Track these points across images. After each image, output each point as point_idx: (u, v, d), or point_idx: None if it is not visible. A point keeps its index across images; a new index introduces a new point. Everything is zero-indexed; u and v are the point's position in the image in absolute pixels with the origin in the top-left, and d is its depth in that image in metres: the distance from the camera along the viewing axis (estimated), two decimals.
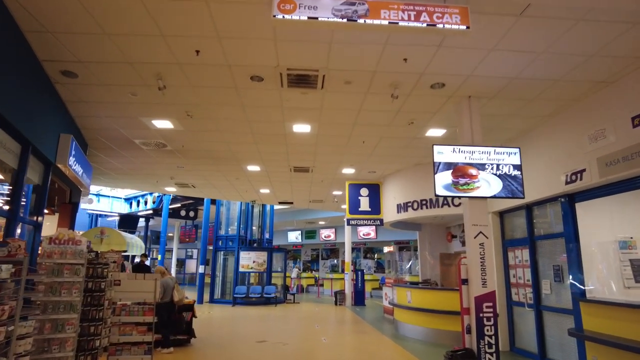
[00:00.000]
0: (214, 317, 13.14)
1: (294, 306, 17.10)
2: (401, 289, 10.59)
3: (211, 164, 10.07)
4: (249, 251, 17.82)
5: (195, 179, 11.93)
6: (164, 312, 7.77)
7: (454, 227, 13.61)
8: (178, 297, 8.01)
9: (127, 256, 13.57)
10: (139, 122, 7.29)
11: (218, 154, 9.21)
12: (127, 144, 8.60)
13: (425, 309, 9.51)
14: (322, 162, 9.78)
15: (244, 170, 10.69)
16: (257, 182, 12.36)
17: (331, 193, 13.78)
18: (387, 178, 11.05)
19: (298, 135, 7.85)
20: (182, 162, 9.97)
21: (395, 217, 10.48)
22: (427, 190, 9.68)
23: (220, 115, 6.90)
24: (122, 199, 23.55)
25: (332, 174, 11.02)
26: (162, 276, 8.13)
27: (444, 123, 7.12)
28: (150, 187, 13.29)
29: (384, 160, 9.57)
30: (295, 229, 28.43)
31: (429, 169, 10.19)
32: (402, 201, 10.27)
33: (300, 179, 11.67)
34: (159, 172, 11.13)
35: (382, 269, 27.42)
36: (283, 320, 12.75)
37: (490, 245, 5.62)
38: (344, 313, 15.02)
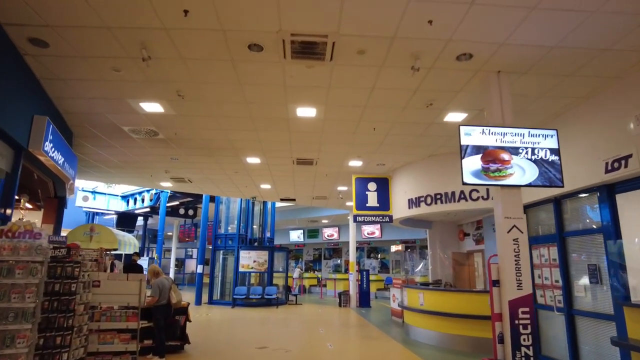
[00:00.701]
0: (212, 320, 12.40)
1: (296, 308, 16.36)
2: (412, 291, 9.83)
3: (207, 155, 9.33)
4: (249, 250, 17.08)
5: (191, 172, 11.19)
6: (161, 316, 7.07)
7: (466, 225, 12.85)
8: (176, 299, 7.28)
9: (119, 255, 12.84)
10: (126, 106, 6.55)
11: (214, 143, 8.47)
12: (115, 132, 7.87)
13: (440, 312, 8.76)
14: (327, 152, 9.03)
15: (244, 162, 9.95)
16: (258, 177, 11.62)
17: (336, 189, 13.03)
18: (397, 171, 10.29)
19: (302, 121, 7.10)
20: (176, 153, 9.24)
21: (406, 213, 9.72)
22: (441, 183, 8.94)
23: (215, 96, 6.16)
24: (119, 196, 22.84)
25: (338, 167, 10.27)
26: (156, 276, 7.44)
27: (465, 105, 6.36)
28: (144, 182, 12.57)
29: (395, 150, 8.82)
30: (298, 227, 27.68)
31: (444, 161, 9.52)
32: (413, 196, 9.51)
33: (304, 172, 10.92)
34: (152, 164, 10.39)
35: (386, 269, 26.67)
36: (285, 323, 12.00)
37: (524, 241, 4.86)
38: (349, 315, 14.26)
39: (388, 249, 26.79)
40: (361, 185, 10.54)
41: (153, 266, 7.62)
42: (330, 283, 22.83)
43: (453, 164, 8.94)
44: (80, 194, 21.06)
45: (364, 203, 10.40)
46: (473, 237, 12.30)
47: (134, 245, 12.11)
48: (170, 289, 7.28)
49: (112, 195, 22.53)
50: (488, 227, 11.31)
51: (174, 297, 7.27)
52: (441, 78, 5.45)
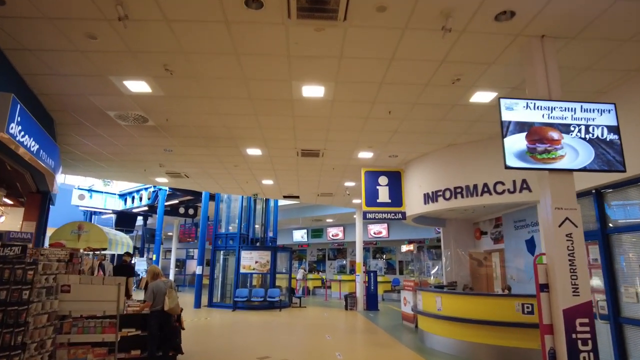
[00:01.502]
0: (211, 325, 11.59)
1: (300, 311, 15.52)
2: (429, 294, 8.98)
3: (204, 145, 8.51)
4: (250, 250, 16.26)
5: (187, 166, 10.38)
6: (154, 323, 6.28)
7: (483, 223, 11.99)
8: (169, 305, 6.46)
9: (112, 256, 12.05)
10: (109, 85, 5.75)
11: (211, 131, 7.65)
12: (101, 119, 7.07)
13: (460, 318, 7.90)
14: (335, 142, 8.20)
15: (243, 154, 9.14)
16: (259, 171, 10.80)
17: (342, 184, 12.19)
18: (412, 164, 9.44)
19: (308, 103, 6.27)
20: (169, 143, 8.43)
21: (422, 209, 8.87)
22: (462, 176, 8.09)
23: (208, 71, 5.34)
24: (117, 195, 22.09)
25: (346, 159, 9.44)
26: (154, 278, 6.66)
27: (497, 81, 5.52)
28: (138, 177, 11.78)
29: (410, 139, 7.98)
30: (301, 227, 26.84)
31: (465, 151, 8.62)
32: (430, 190, 8.66)
33: (309, 166, 10.10)
34: (145, 157, 9.59)
35: (392, 270, 25.80)
36: (288, 329, 11.17)
37: (580, 237, 4.01)
38: (356, 319, 13.41)
39: (394, 249, 25.93)
40: (371, 180, 9.71)
41: (152, 267, 6.84)
42: (335, 284, 21.98)
43: (475, 154, 8.14)
44: (75, 192, 20.31)
45: (375, 199, 9.56)
46: (491, 236, 11.43)
47: (127, 245, 11.34)
48: (165, 294, 6.48)
49: (110, 193, 21.79)
50: (508, 225, 10.45)
51: (167, 302, 6.46)
52: (473, 45, 4.61)
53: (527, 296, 7.28)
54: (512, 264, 10.25)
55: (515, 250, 10.10)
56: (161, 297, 6.46)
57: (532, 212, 9.30)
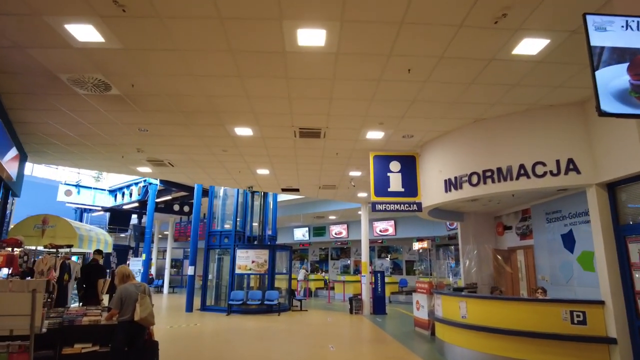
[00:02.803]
0: (200, 332, 10.26)
1: (301, 315, 14.18)
2: (450, 299, 7.63)
3: (183, 123, 7.19)
4: (246, 249, 14.94)
5: (169, 151, 9.06)
6: (122, 337, 5.07)
7: (506, 216, 10.62)
8: (141, 314, 5.15)
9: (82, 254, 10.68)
10: (48, 30, 4.42)
11: (188, 102, 6.32)
12: (52, 84, 5.76)
13: (490, 327, 6.58)
14: (339, 117, 6.86)
15: (232, 135, 7.81)
16: (252, 158, 9.47)
17: (347, 174, 10.85)
18: (429, 145, 8.08)
19: (305, 57, 4.94)
20: (143, 120, 7.11)
21: (443, 198, 7.51)
22: (493, 156, 6.73)
23: (171, 7, 4.01)
24: (107, 190, 20.81)
25: (352, 141, 8.10)
26: (123, 281, 5.38)
27: (553, 21, 4.16)
28: (117, 165, 10.45)
29: (431, 112, 6.63)
30: (302, 225, 25.50)
31: (496, 127, 6.68)
32: (452, 175, 7.30)
33: (309, 150, 8.76)
34: (119, 140, 8.28)
35: (399, 270, 24.46)
36: (287, 337, 9.83)
37: None
38: (363, 325, 12.06)
39: (401, 248, 24.59)
40: (381, 165, 8.36)
41: (121, 268, 5.51)
42: (339, 286, 20.62)
43: (508, 130, 6.75)
44: (62, 188, 19.04)
45: (385, 187, 8.21)
46: (517, 231, 10.06)
47: (104, 243, 10.05)
48: (136, 300, 5.18)
49: (99, 189, 20.52)
50: (539, 217, 9.08)
51: (138, 311, 5.15)
52: None
53: (577, 302, 5.93)
54: (544, 263, 8.88)
55: (547, 246, 8.73)
56: (131, 304, 5.17)
57: (571, 201, 7.94)
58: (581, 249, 7.68)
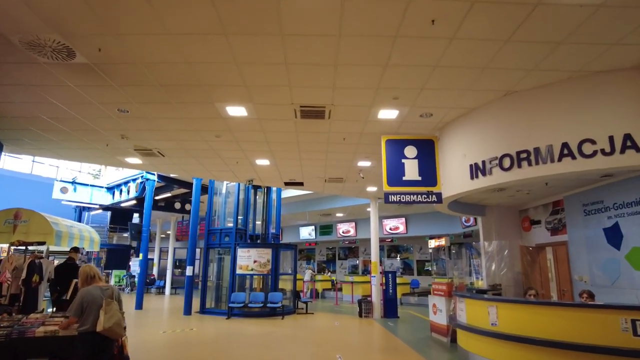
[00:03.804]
0: (194, 339, 9.32)
1: (307, 319, 13.19)
2: (477, 303, 6.60)
3: (166, 100, 6.24)
4: (248, 248, 13.98)
5: (156, 138, 8.12)
6: (81, 351, 4.16)
7: (533, 210, 9.55)
8: (105, 324, 4.22)
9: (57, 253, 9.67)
10: None
11: (167, 72, 5.36)
12: (6, 50, 4.84)
13: (527, 337, 5.54)
14: (347, 90, 5.86)
15: (223, 116, 6.84)
16: (249, 145, 8.50)
17: (355, 164, 9.84)
18: (451, 127, 7.05)
19: (304, 3, 3.94)
20: (119, 97, 6.17)
21: (468, 186, 6.47)
22: (530, 134, 5.69)
23: None
24: (104, 188, 20.02)
25: (362, 122, 7.09)
26: (87, 283, 4.46)
27: None
28: (103, 156, 9.55)
29: (455, 83, 5.61)
30: (308, 223, 24.52)
31: (532, 100, 5.53)
32: (480, 159, 6.26)
33: (312, 135, 7.78)
34: (99, 124, 7.37)
35: (409, 271, 23.38)
36: (290, 344, 8.85)
37: None
38: (373, 330, 11.04)
39: (411, 247, 23.50)
40: (395, 151, 7.34)
41: (85, 267, 4.55)
42: (347, 287, 19.59)
43: (548, 104, 5.63)
44: (57, 185, 18.27)
45: (399, 176, 7.19)
46: (547, 226, 8.98)
47: (89, 241, 9.16)
48: (101, 306, 4.24)
49: (96, 186, 19.73)
50: (574, 209, 8.00)
51: (101, 319, 4.21)
52: None
53: None
54: (581, 262, 7.80)
55: (586, 242, 7.65)
56: (94, 311, 4.23)
57: (616, 189, 6.87)
58: (631, 245, 6.60)
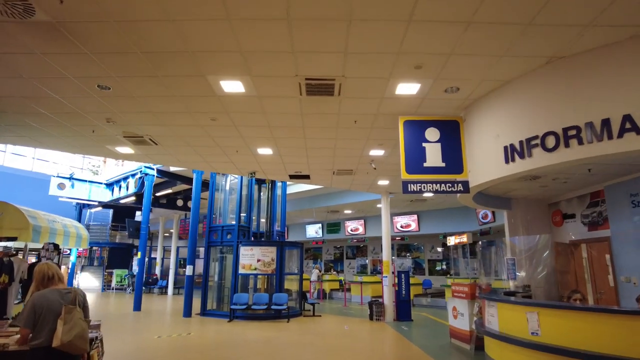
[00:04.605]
0: (190, 345, 8.48)
1: (314, 322, 12.32)
2: (512, 308, 5.68)
3: (151, 73, 5.39)
4: (251, 246, 13.15)
5: (146, 122, 7.28)
6: None
7: (566, 203, 8.59)
8: (62, 337, 3.38)
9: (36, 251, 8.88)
10: None
11: (148, 34, 4.51)
12: None
13: (581, 352, 4.61)
14: (361, 58, 4.97)
15: (217, 93, 5.98)
16: (250, 131, 7.64)
17: (367, 153, 8.93)
18: (480, 104, 6.12)
19: None
20: (97, 70, 5.33)
21: (502, 171, 5.53)
22: (578, 107, 4.74)
23: None
24: (103, 184, 19.30)
25: (377, 100, 6.19)
26: (43, 285, 3.63)
27: None
28: (91, 145, 8.73)
29: (491, 46, 4.69)
30: (315, 221, 23.64)
31: (582, 66, 4.39)
32: (517, 139, 5.33)
33: (319, 117, 6.90)
34: (79, 104, 6.55)
35: (421, 270, 22.44)
36: (295, 353, 7.98)
37: None
38: (387, 335, 10.14)
39: (422, 246, 22.56)
40: (414, 134, 6.43)
41: (42, 266, 3.70)
42: (356, 287, 18.70)
43: (602, 69, 4.54)
44: (54, 181, 17.57)
45: (420, 162, 6.28)
46: (583, 220, 8.02)
47: (76, 237, 8.37)
48: (59, 315, 3.41)
49: (95, 182, 19.03)
50: (618, 200, 7.04)
51: (59, 333, 3.38)
52: None
53: None
54: (628, 260, 6.83)
55: (634, 238, 6.68)
56: (50, 321, 3.39)
57: None
58: None
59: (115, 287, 23.96)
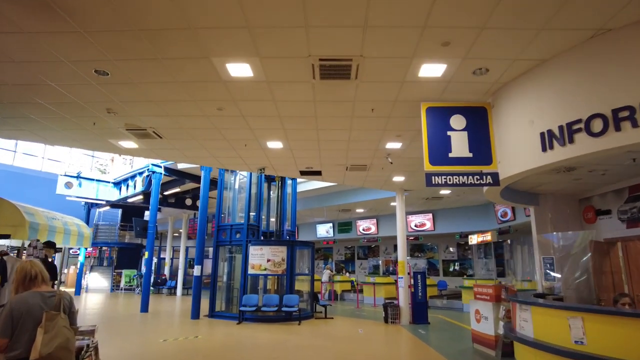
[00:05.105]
0: (197, 349, 8.03)
1: (326, 324, 11.81)
2: (551, 313, 5.11)
3: (151, 55, 4.94)
4: (261, 245, 12.68)
5: (149, 112, 6.84)
6: None
7: (599, 198, 7.96)
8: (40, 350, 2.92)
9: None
10: None
11: (145, 8, 4.05)
12: None
13: None
14: (382, 33, 4.46)
15: (223, 78, 5.51)
16: (259, 122, 7.17)
17: (383, 146, 8.41)
18: (510, 89, 5.56)
19: None
20: (93, 53, 4.90)
21: (538, 161, 4.97)
22: (631, 86, 4.16)
23: None
24: (111, 183, 19.03)
25: (398, 84, 5.67)
26: (24, 287, 3.18)
27: None
28: (93, 139, 8.32)
29: (528, 19, 4.14)
30: (326, 220, 23.12)
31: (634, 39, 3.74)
32: (555, 124, 4.76)
33: (333, 106, 6.40)
34: (78, 92, 6.14)
35: (435, 271, 21.80)
36: (309, 358, 7.48)
37: None
38: (404, 340, 9.58)
39: (436, 246, 21.92)
40: (438, 121, 5.89)
41: (26, 264, 3.25)
42: (368, 288, 18.14)
43: None
44: (61, 180, 17.34)
45: (445, 152, 5.75)
46: (621, 216, 7.39)
47: (77, 236, 7.99)
48: (39, 323, 2.96)
49: (103, 181, 18.77)
50: None
51: (38, 342, 2.92)
52: None
53: None
54: None
55: None
56: (29, 329, 2.94)
57: None
58: None
59: (124, 287, 23.72)
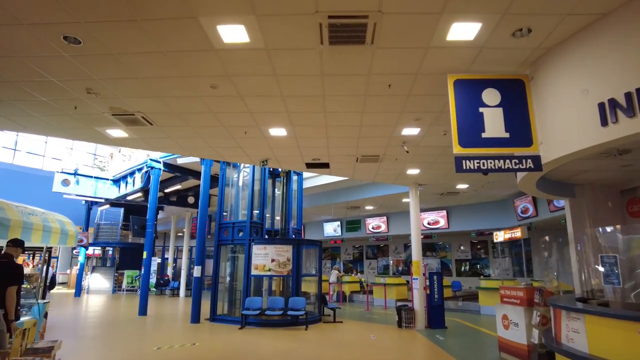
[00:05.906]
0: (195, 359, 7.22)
1: (336, 329, 10.95)
2: (614, 324, 4.21)
3: (129, 16, 4.10)
4: (264, 244, 11.86)
5: (134, 93, 6.02)
6: None
7: None
8: None
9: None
10: None
11: None
12: None
13: None
14: None
15: (215, 44, 4.67)
16: (258, 102, 6.32)
17: (398, 132, 7.54)
18: (556, 54, 4.65)
19: None
20: (58, 11, 4.08)
21: (597, 137, 4.05)
22: None
23: None
24: (110, 180, 18.32)
25: (421, 50, 4.79)
26: None
27: None
28: (77, 127, 7.52)
29: None
30: (333, 219, 22.26)
31: None
32: (621, 91, 3.84)
33: (344, 80, 5.55)
34: (50, 67, 5.34)
35: (447, 272, 20.88)
36: None
37: None
38: (421, 347, 8.69)
39: (448, 245, 20.99)
40: (468, 96, 5.00)
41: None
42: (378, 290, 17.25)
43: None
44: (58, 177, 16.65)
45: (477, 132, 4.86)
46: None
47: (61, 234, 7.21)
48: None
49: (101, 179, 18.06)
50: None
51: None
52: None
53: None
54: None
55: None
56: None
57: None
58: None
59: (126, 288, 23.05)
